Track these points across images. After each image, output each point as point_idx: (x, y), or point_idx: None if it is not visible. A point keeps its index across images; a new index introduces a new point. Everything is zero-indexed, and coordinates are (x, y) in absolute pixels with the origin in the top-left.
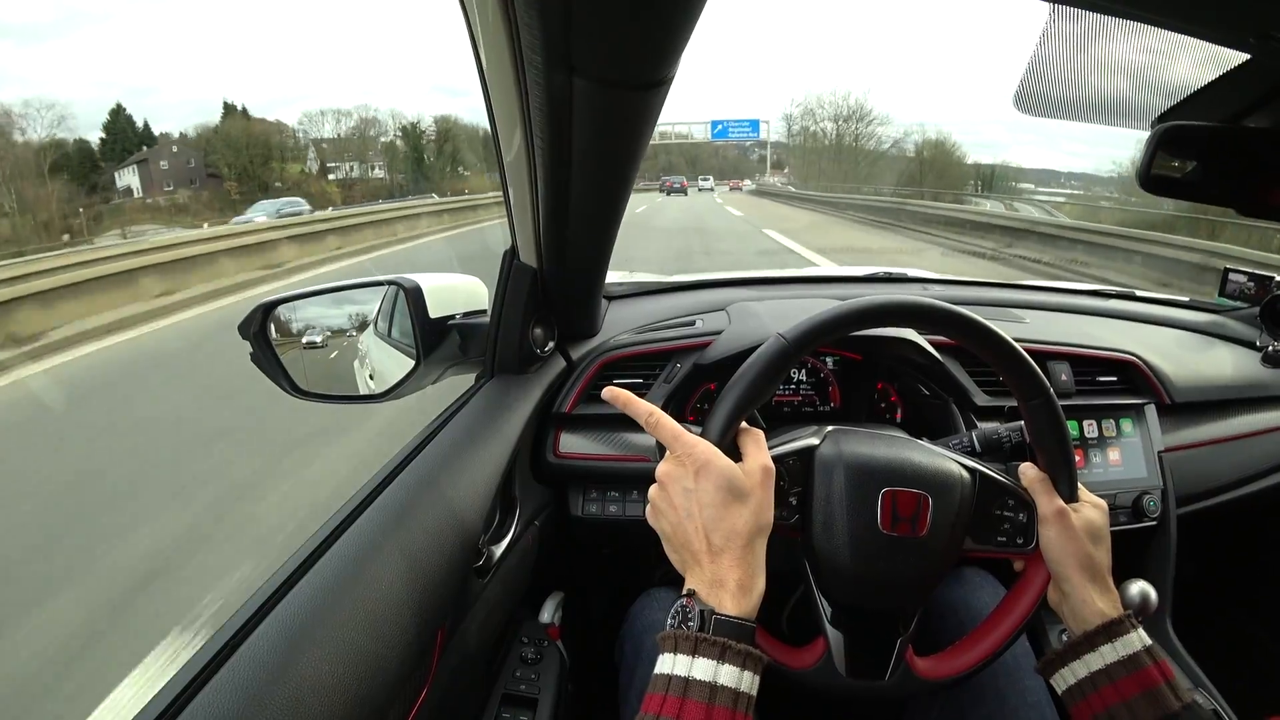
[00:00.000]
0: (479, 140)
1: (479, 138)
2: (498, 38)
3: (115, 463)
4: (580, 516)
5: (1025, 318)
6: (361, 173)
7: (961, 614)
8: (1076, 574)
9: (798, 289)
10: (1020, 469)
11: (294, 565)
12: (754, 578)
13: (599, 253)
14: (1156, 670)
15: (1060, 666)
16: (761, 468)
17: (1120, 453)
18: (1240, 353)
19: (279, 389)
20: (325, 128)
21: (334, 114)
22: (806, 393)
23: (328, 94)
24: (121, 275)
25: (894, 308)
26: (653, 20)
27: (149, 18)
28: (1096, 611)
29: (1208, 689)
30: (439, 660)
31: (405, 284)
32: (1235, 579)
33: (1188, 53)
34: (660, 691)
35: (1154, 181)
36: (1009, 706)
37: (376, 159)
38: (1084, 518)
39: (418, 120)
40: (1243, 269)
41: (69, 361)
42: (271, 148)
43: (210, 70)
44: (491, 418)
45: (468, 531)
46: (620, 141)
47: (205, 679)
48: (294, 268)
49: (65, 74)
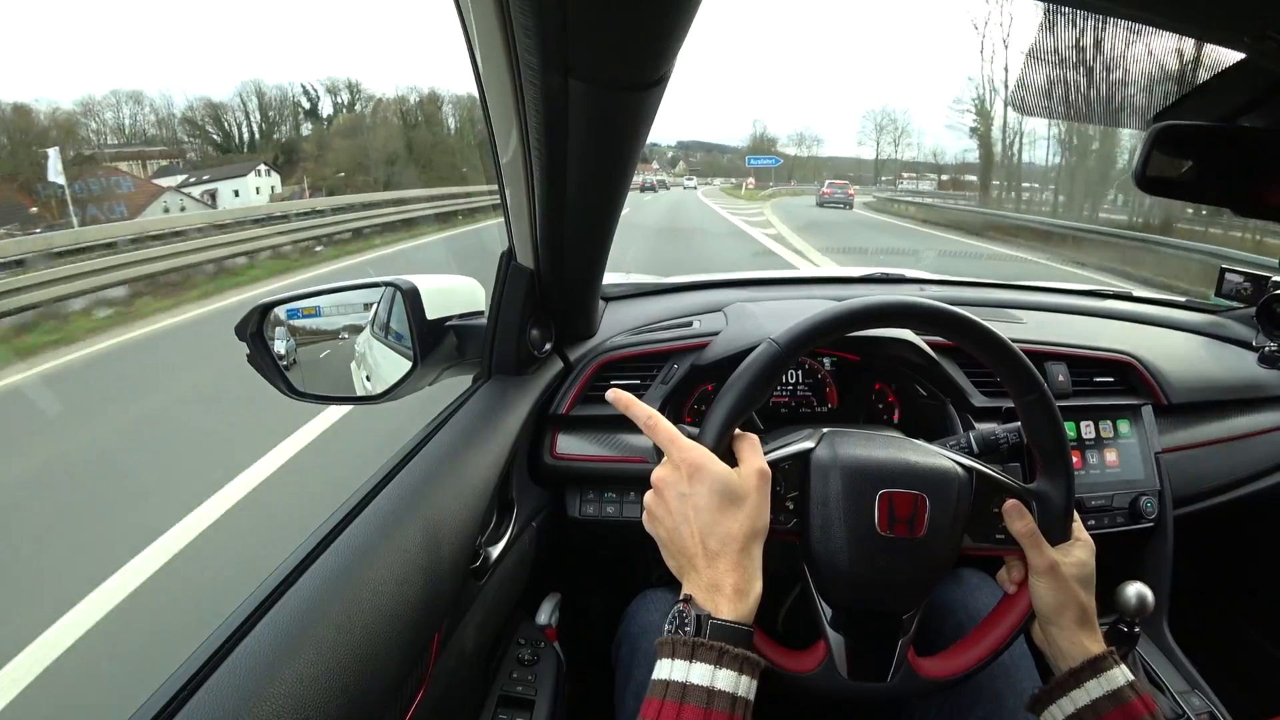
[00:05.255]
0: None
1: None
2: (493, 39)
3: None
4: (577, 518)
5: (1022, 318)
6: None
7: (960, 614)
8: (1068, 622)
9: (795, 289)
10: (1006, 519)
11: (290, 566)
12: (750, 582)
13: (596, 253)
14: (1140, 704)
15: (1049, 704)
16: (757, 472)
17: (1117, 454)
18: (1237, 353)
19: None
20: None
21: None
22: (803, 394)
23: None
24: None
25: (885, 308)
26: (648, 20)
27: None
28: (1083, 650)
29: (1204, 691)
30: (436, 661)
31: (402, 285)
32: (1232, 581)
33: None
34: (658, 696)
35: (1150, 181)
36: (1007, 707)
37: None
38: (1075, 562)
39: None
40: (1239, 269)
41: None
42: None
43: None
44: (489, 419)
45: (465, 533)
46: (616, 142)
47: (201, 680)
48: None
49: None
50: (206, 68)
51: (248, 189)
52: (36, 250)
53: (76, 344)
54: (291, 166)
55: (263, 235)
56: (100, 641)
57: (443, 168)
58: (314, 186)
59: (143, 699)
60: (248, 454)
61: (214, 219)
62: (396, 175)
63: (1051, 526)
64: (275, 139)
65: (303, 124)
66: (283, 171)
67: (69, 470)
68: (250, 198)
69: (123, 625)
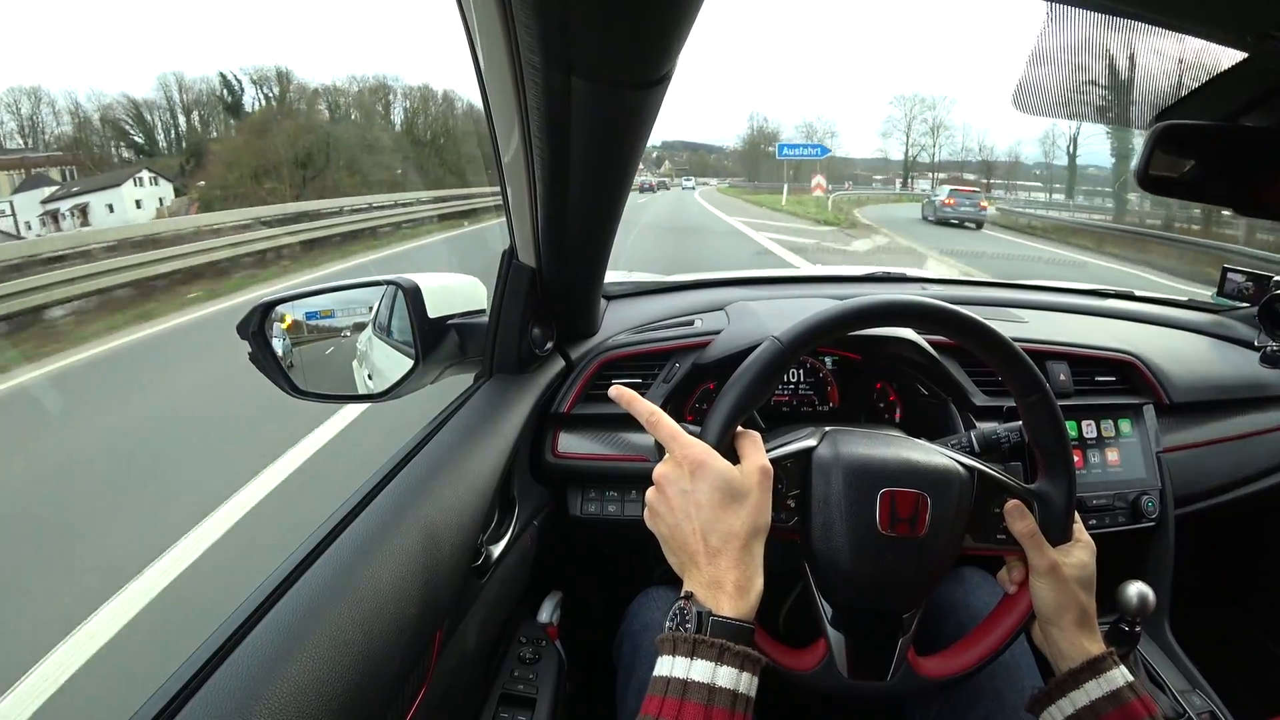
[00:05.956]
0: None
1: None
2: (495, 37)
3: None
4: (579, 516)
5: (1024, 317)
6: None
7: (961, 613)
8: (1068, 623)
9: (796, 288)
10: (1008, 519)
11: (292, 565)
12: (752, 579)
13: (598, 252)
14: (1140, 705)
15: (1048, 704)
16: (759, 469)
17: (1119, 453)
18: (1239, 352)
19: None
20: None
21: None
22: (805, 392)
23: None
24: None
25: (887, 307)
26: (650, 18)
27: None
28: (1082, 650)
29: (1205, 690)
30: (437, 660)
31: (404, 284)
32: (1233, 579)
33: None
34: (659, 693)
35: (1152, 181)
36: (1007, 706)
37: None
38: (1076, 563)
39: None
40: (1241, 268)
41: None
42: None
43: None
44: (490, 418)
45: (466, 531)
46: (619, 140)
47: (203, 679)
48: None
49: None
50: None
51: (124, 202)
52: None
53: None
54: (199, 171)
55: (113, 268)
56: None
57: (373, 169)
58: (206, 199)
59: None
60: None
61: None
62: (319, 180)
63: (1052, 527)
64: (173, 139)
65: (213, 121)
66: (189, 178)
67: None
68: (127, 213)
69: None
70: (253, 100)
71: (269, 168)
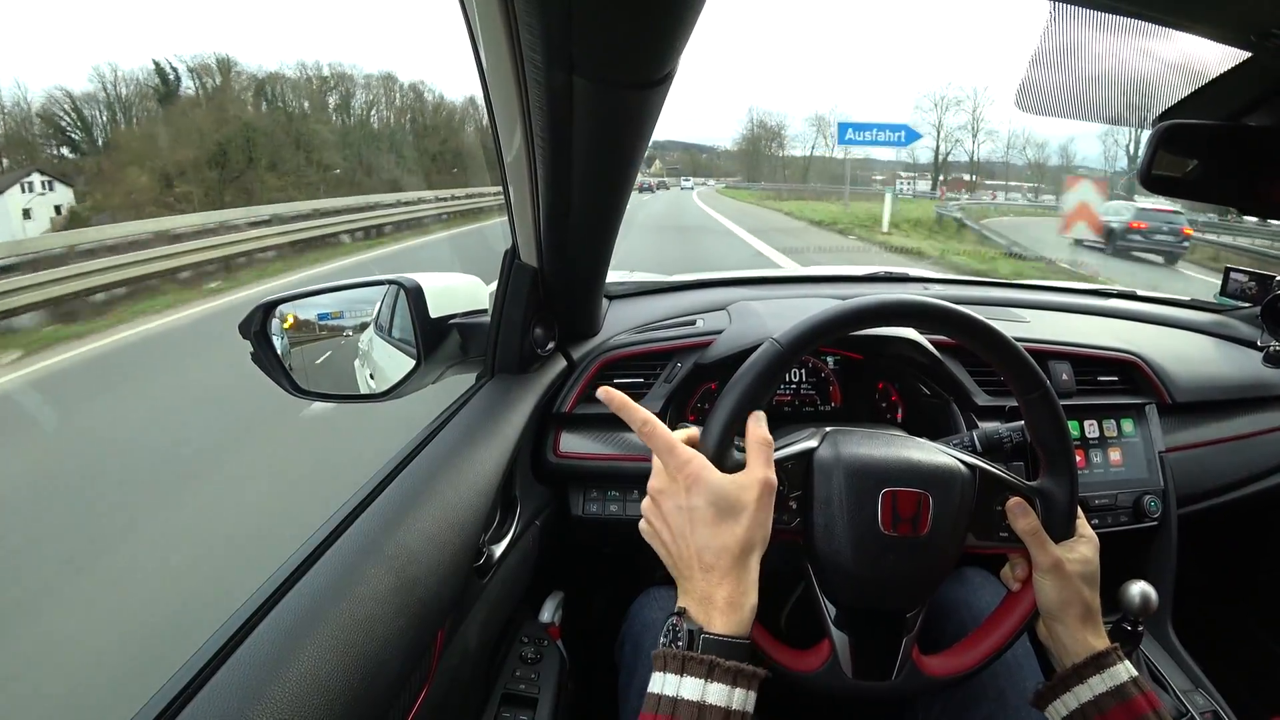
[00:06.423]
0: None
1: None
2: (497, 36)
3: None
4: (581, 516)
5: (1026, 317)
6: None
7: (963, 613)
8: (1073, 619)
9: (798, 288)
10: (1010, 517)
11: (293, 565)
12: (744, 594)
13: (599, 252)
14: (1144, 700)
15: (1053, 699)
16: (760, 481)
17: (1121, 453)
18: (1241, 352)
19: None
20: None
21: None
22: (807, 392)
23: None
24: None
25: (889, 307)
26: (653, 18)
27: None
28: (1087, 646)
29: (1208, 689)
30: (439, 660)
31: (406, 284)
32: (1236, 579)
33: (1188, 51)
34: (650, 711)
35: (1155, 180)
36: (1011, 705)
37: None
38: (1080, 559)
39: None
40: (1244, 268)
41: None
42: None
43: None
44: (492, 417)
45: (468, 531)
46: (621, 140)
47: (204, 679)
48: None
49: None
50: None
51: (9, 212)
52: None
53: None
54: (115, 173)
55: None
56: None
57: (305, 169)
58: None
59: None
60: None
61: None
62: (247, 181)
63: (1055, 524)
64: (94, 135)
65: (135, 112)
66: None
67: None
68: (12, 225)
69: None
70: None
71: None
